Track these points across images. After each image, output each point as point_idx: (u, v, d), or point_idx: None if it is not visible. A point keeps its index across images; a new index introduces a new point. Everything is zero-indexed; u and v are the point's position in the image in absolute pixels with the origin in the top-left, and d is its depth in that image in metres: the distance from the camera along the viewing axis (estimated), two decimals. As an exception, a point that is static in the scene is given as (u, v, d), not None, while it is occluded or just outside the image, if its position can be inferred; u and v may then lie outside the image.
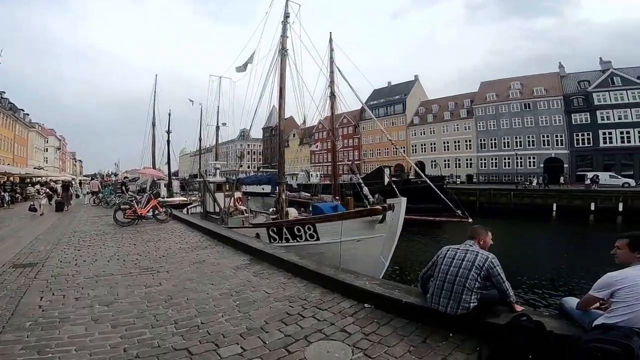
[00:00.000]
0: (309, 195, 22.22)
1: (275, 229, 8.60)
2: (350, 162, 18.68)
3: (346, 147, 69.45)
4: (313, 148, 22.06)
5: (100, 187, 23.16)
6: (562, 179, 35.64)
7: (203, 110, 27.23)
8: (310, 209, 13.82)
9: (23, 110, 46.80)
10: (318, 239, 7.82)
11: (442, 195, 9.97)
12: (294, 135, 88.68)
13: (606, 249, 2.70)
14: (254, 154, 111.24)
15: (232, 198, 16.50)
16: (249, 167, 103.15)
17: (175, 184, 28.25)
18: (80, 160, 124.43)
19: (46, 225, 10.44)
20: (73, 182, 30.82)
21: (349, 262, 7.36)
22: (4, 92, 38.61)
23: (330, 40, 16.89)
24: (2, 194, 16.98)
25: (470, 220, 9.53)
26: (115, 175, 52.40)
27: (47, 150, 67.09)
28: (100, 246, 6.96)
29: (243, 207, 15.70)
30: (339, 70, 16.44)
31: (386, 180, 31.65)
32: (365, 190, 15.54)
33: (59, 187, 21.96)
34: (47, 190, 17.93)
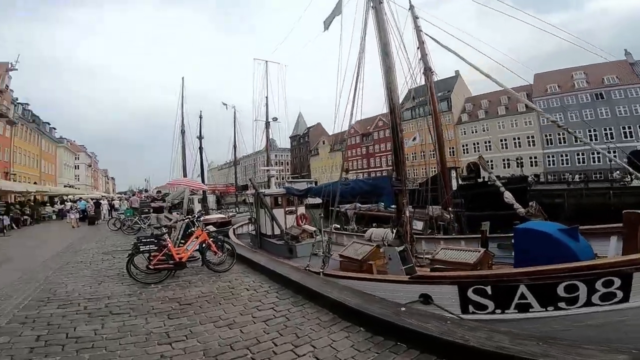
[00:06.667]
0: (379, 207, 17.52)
1: (491, 287, 4.31)
2: (479, 157, 13.50)
3: (383, 151, 64.89)
4: (412, 143, 16.45)
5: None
6: None
7: (250, 103, 23.29)
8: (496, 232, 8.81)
9: (49, 124, 44.47)
10: (626, 299, 3.84)
11: None
12: (323, 143, 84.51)
13: None
14: (281, 164, 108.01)
15: (296, 216, 12.13)
16: (277, 179, 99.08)
17: (211, 199, 24.24)
18: (112, 178, 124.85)
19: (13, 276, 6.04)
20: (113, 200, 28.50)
21: None
22: (27, 104, 36.04)
23: (411, 7, 12.29)
24: (-1, 217, 13.20)
25: None
26: (146, 191, 49.63)
27: (77, 168, 65.62)
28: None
29: (312, 228, 11.33)
30: (433, 39, 11.62)
31: (454, 184, 26.46)
32: (509, 195, 10.70)
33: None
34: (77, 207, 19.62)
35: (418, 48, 12.25)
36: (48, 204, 26.61)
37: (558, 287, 4.06)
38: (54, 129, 46.98)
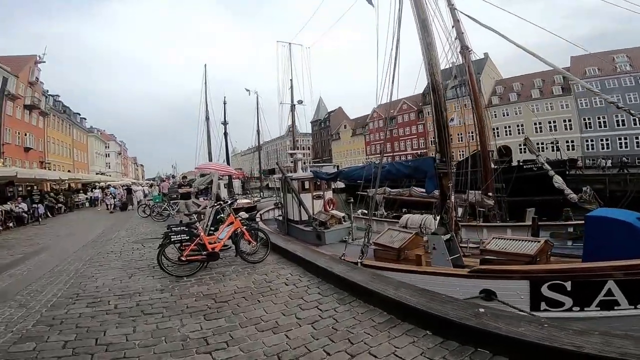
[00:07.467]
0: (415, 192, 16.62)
1: (572, 282, 3.91)
2: (526, 138, 12.53)
3: (408, 135, 63.40)
4: (451, 124, 15.20)
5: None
6: None
7: (271, 89, 23.15)
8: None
9: (79, 115, 45.87)
10: None
11: None
12: (344, 127, 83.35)
13: None
14: (303, 149, 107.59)
15: (323, 201, 11.68)
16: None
17: (236, 184, 24.20)
18: (141, 165, 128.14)
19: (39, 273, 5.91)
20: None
21: None
22: (57, 96, 37.22)
23: (442, -16, 11.28)
24: (33, 205, 13.45)
25: None
26: (173, 177, 50.51)
27: (108, 156, 67.75)
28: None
29: (341, 214, 10.87)
30: (470, 17, 10.63)
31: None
32: (559, 180, 9.93)
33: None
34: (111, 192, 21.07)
35: (453, 26, 11.39)
36: (81, 192, 27.43)
37: None
38: (84, 119, 48.41)
